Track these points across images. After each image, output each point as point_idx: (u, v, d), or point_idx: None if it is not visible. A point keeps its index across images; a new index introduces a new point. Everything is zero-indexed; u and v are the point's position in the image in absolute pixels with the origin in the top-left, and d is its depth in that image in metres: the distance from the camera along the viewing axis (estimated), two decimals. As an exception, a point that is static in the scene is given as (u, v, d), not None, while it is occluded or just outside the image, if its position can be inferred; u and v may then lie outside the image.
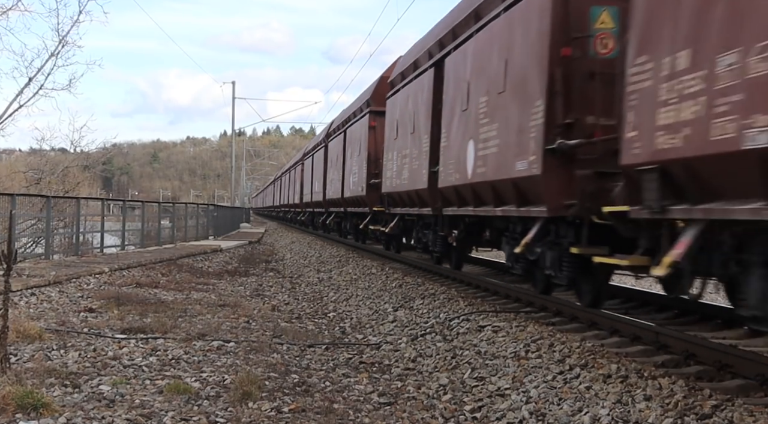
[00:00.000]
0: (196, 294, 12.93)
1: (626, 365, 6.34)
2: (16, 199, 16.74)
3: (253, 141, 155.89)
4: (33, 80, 26.91)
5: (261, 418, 5.56)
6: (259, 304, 12.19)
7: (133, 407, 5.60)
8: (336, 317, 11.55)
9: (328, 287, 15.53)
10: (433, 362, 7.79)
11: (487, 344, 8.09)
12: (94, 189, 43.36)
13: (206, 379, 6.59)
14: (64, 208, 23.24)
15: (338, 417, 5.74)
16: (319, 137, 33.75)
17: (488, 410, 6.01)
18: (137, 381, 6.38)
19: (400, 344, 8.89)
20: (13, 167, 37.77)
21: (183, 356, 7.47)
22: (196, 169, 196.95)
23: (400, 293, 12.95)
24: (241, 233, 42.25)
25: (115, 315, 9.92)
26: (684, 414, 5.03)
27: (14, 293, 10.50)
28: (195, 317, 10.16)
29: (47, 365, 6.65)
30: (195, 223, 31.32)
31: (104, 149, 38.17)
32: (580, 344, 7.34)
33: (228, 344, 8.26)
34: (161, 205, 28.58)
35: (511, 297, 10.95)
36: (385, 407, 6.17)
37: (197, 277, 15.95)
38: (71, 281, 12.94)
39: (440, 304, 11.07)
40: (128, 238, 23.93)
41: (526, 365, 6.95)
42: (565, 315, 9.13)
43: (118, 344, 7.94)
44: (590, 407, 5.52)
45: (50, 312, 9.95)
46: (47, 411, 5.25)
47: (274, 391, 6.34)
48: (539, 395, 6.03)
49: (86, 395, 5.85)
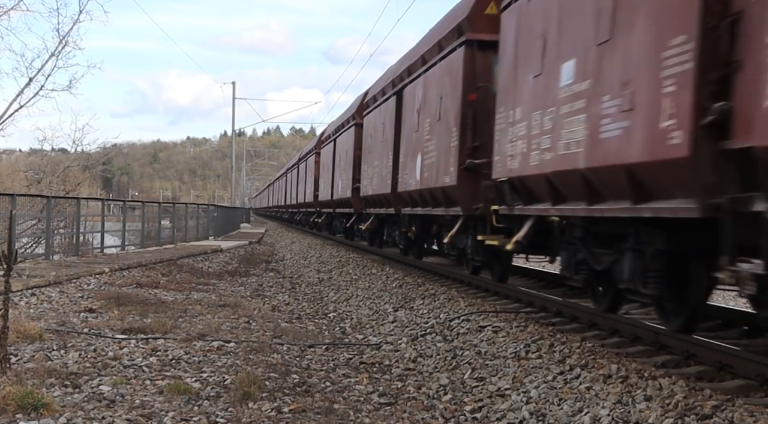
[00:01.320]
0: (196, 294, 12.93)
1: (626, 366, 6.34)
2: (17, 199, 16.74)
3: (253, 141, 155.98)
4: (33, 81, 26.92)
5: (261, 418, 5.56)
6: (259, 304, 12.20)
7: (133, 407, 5.60)
8: (336, 317, 11.55)
9: (328, 287, 15.53)
10: (433, 363, 7.79)
11: (488, 344, 8.10)
12: (94, 189, 43.37)
13: (206, 379, 6.60)
14: (64, 208, 23.22)
15: (338, 417, 5.74)
16: (313, 143, 37.25)
17: (488, 410, 6.01)
18: (137, 381, 6.38)
19: (401, 344, 8.89)
20: (13, 167, 37.75)
21: (183, 357, 7.48)
22: (196, 169, 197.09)
23: (401, 294, 12.95)
24: (242, 233, 42.26)
25: (116, 315, 9.92)
26: (684, 414, 5.03)
27: (14, 293, 10.50)
28: (195, 318, 10.16)
29: (47, 366, 6.65)
30: (195, 223, 31.31)
31: (105, 149, 38.07)
32: (581, 344, 7.34)
33: (228, 344, 8.27)
34: (161, 205, 28.58)
35: (511, 297, 10.97)
36: (385, 407, 6.18)
37: (197, 277, 15.96)
38: (71, 281, 12.95)
39: (440, 304, 11.07)
40: (128, 238, 23.92)
41: (527, 366, 6.95)
42: (565, 315, 9.15)
43: (119, 344, 7.94)
44: (590, 408, 5.52)
45: (50, 312, 9.96)
46: (47, 411, 5.26)
47: (274, 391, 6.34)
48: (539, 396, 6.03)
49: (86, 395, 5.86)
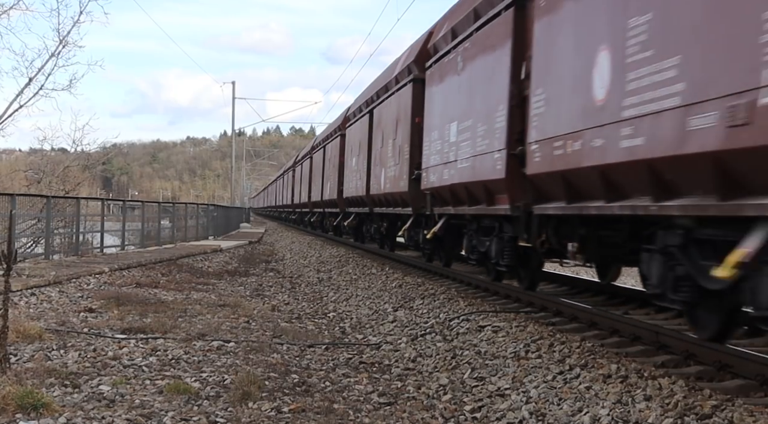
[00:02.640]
0: (196, 294, 12.93)
1: (626, 365, 6.34)
2: (16, 199, 16.73)
3: (253, 141, 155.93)
4: (33, 80, 26.89)
5: (261, 418, 5.56)
6: (259, 304, 12.19)
7: (133, 407, 5.60)
8: (336, 317, 11.55)
9: (327, 287, 15.53)
10: (433, 362, 7.79)
11: (487, 344, 8.09)
12: (94, 189, 43.34)
13: (206, 379, 6.60)
14: (64, 208, 23.20)
15: (338, 417, 5.74)
16: (307, 149, 41.64)
17: (488, 410, 6.01)
18: (137, 381, 6.38)
19: (400, 344, 8.88)
20: (13, 167, 37.68)
21: (183, 356, 7.47)
22: (196, 169, 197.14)
23: (400, 293, 12.95)
24: (241, 232, 42.26)
25: (115, 315, 9.92)
26: (684, 414, 5.03)
27: (14, 293, 10.50)
28: (195, 317, 10.16)
29: (47, 365, 6.65)
30: (195, 223, 31.30)
31: (104, 149, 38.01)
32: (580, 344, 7.34)
33: (228, 344, 8.26)
34: (161, 205, 28.56)
35: (511, 297, 10.97)
36: (385, 407, 6.17)
37: (197, 277, 15.96)
38: (71, 281, 12.95)
39: (440, 304, 11.07)
40: (128, 238, 23.92)
41: (526, 365, 6.95)
42: (565, 315, 9.15)
43: (118, 344, 7.94)
44: (590, 407, 5.52)
45: (50, 312, 9.96)
46: (47, 411, 5.25)
47: (274, 391, 6.34)
48: (539, 395, 6.03)
49: (86, 395, 5.86)
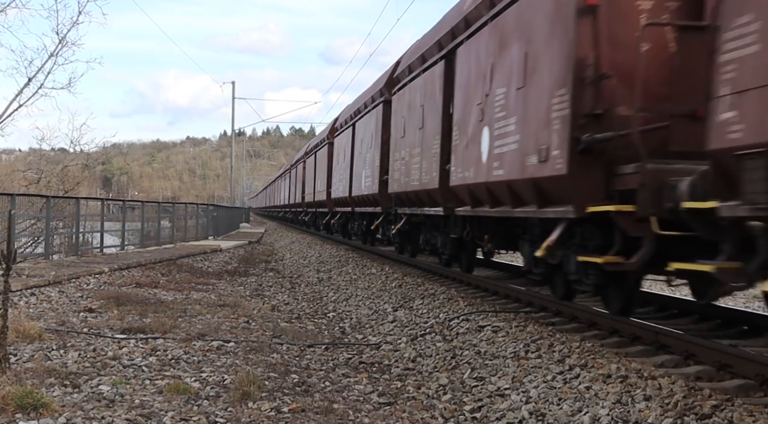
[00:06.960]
0: (195, 294, 12.93)
1: (626, 365, 6.34)
2: (16, 199, 16.72)
3: (252, 141, 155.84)
4: (33, 80, 26.85)
5: (261, 418, 5.56)
6: (258, 304, 12.19)
7: (132, 407, 5.60)
8: (336, 317, 11.55)
9: (327, 287, 15.52)
10: (432, 362, 7.79)
11: (487, 344, 8.09)
12: (93, 189, 43.38)
13: (206, 379, 6.59)
14: (63, 208, 23.18)
15: (338, 417, 5.74)
16: (301, 153, 44.14)
17: (488, 410, 6.01)
18: (137, 381, 6.38)
19: (400, 344, 8.89)
20: (12, 167, 37.68)
21: (183, 356, 7.47)
22: (196, 169, 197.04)
23: (400, 293, 12.95)
24: (241, 233, 42.25)
25: (115, 315, 9.92)
26: (684, 414, 5.03)
27: (14, 293, 10.50)
28: (195, 317, 10.16)
29: (47, 365, 6.65)
30: (195, 223, 31.29)
31: (104, 149, 38.01)
32: (580, 344, 7.34)
33: (228, 344, 8.26)
34: (161, 205, 28.55)
35: (510, 297, 10.96)
36: (384, 407, 6.17)
37: (197, 277, 15.95)
38: (71, 281, 12.94)
39: (440, 304, 11.06)
40: (128, 238, 23.90)
41: (526, 365, 6.95)
42: (564, 315, 9.14)
43: (118, 344, 7.94)
44: (590, 407, 5.52)
45: (50, 312, 9.95)
46: (47, 411, 5.25)
47: (273, 391, 6.34)
48: (539, 395, 6.02)
49: (86, 395, 5.86)
